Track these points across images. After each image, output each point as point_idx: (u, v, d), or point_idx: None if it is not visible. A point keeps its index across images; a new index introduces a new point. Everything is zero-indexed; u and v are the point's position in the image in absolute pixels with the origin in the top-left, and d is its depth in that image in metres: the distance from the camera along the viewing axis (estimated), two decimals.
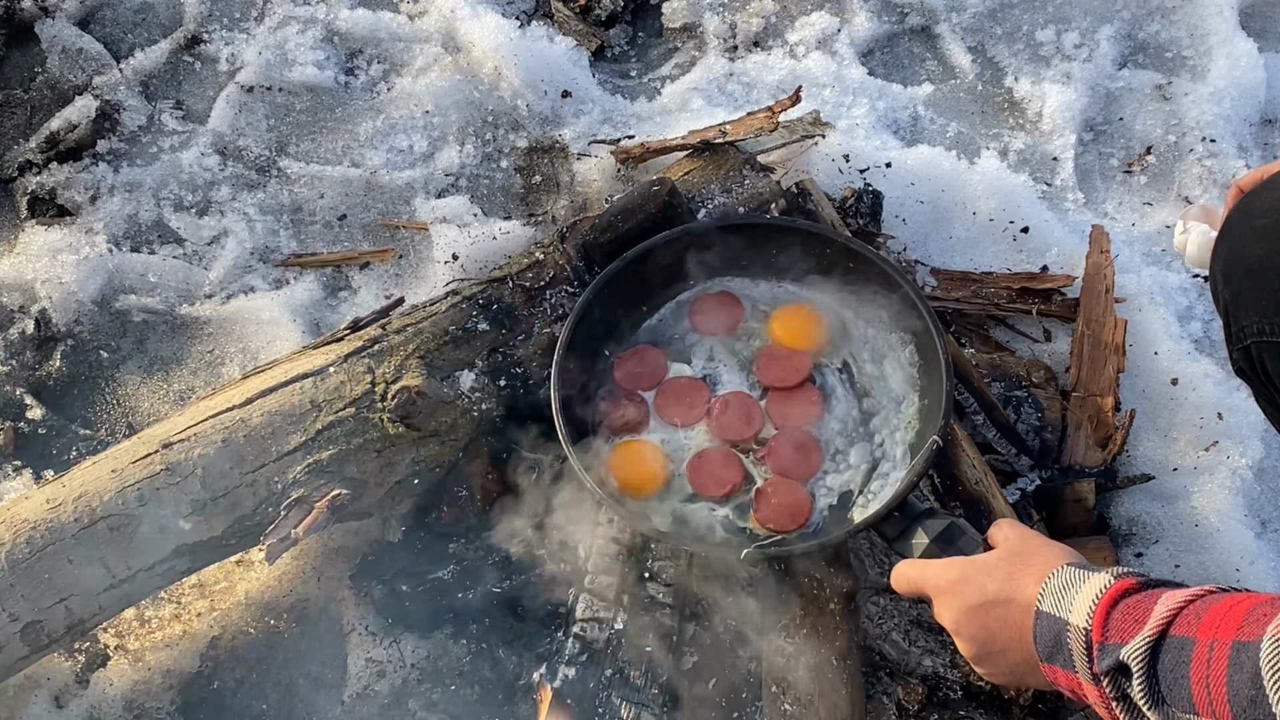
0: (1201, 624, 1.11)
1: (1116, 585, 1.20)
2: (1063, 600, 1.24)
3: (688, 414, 1.87)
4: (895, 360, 1.90)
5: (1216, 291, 1.55)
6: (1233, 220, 1.53)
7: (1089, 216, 2.45)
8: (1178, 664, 1.11)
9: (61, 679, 1.86)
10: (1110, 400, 2.10)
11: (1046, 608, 1.25)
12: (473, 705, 1.81)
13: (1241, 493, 2.04)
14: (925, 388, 1.85)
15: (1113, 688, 1.17)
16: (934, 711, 1.80)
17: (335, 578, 1.93)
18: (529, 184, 2.49)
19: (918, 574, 1.46)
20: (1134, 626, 1.15)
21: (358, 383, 1.84)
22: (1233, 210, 1.55)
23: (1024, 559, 1.35)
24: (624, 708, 1.68)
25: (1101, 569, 1.25)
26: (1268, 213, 1.47)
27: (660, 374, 1.91)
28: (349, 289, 2.34)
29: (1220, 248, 1.53)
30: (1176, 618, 1.13)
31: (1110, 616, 1.18)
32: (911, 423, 1.84)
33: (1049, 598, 1.26)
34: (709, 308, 1.97)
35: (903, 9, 2.75)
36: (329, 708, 1.83)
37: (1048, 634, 1.25)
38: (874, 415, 1.88)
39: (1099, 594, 1.20)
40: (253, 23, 2.68)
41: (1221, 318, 1.55)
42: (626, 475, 1.79)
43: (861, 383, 1.91)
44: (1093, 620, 1.19)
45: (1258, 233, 1.47)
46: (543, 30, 2.65)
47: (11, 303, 2.28)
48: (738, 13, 2.73)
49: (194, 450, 1.77)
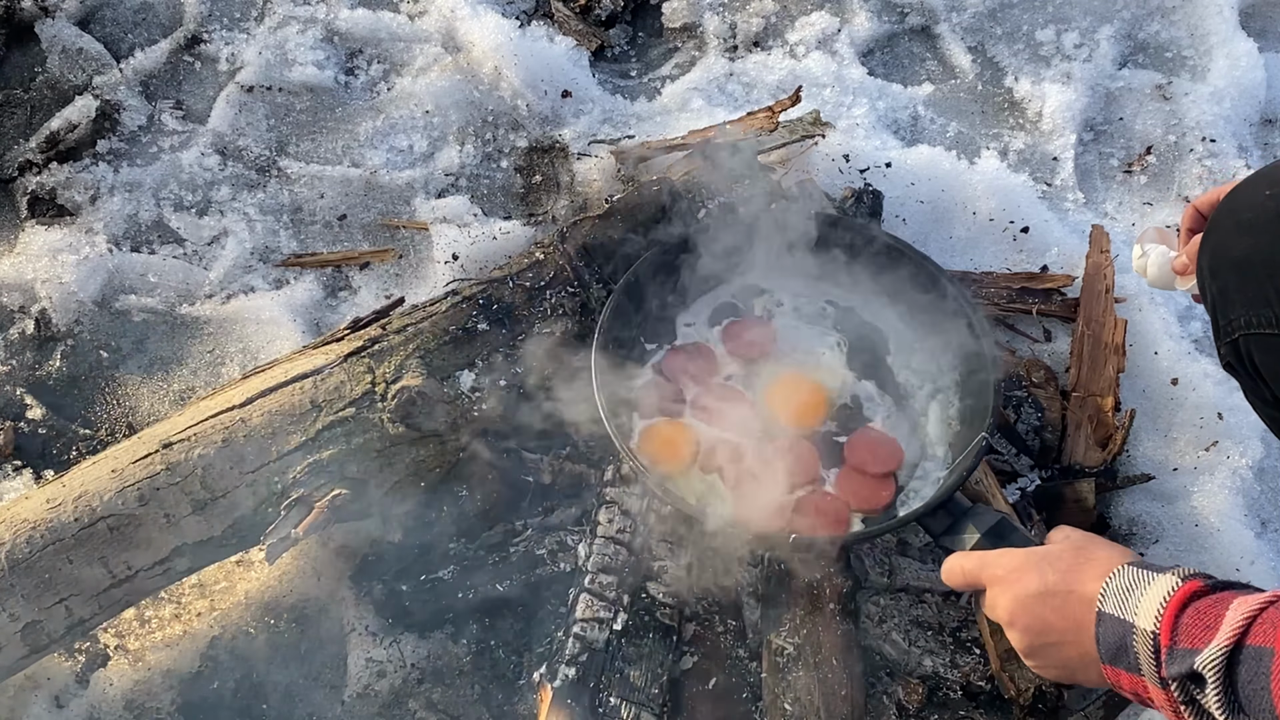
0: (1279, 633, 1.09)
1: (1185, 588, 1.18)
2: (1127, 602, 1.21)
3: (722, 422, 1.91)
4: (936, 360, 1.95)
5: (1203, 287, 1.55)
6: (1218, 216, 1.53)
7: (1089, 216, 2.45)
8: (1256, 675, 1.08)
9: (61, 679, 1.85)
10: (1110, 400, 2.10)
11: (1109, 609, 1.23)
12: (473, 705, 1.82)
13: (1241, 493, 2.04)
14: (966, 388, 1.87)
15: (1181, 692, 1.15)
16: (934, 711, 1.80)
17: (335, 578, 1.93)
18: (529, 184, 2.49)
19: (973, 564, 1.42)
20: (1205, 633, 1.13)
21: (358, 383, 1.84)
22: (1219, 206, 1.54)
23: (1086, 553, 1.32)
24: (624, 708, 1.68)
25: (1166, 569, 1.22)
26: (1252, 207, 1.47)
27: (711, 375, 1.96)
28: (349, 289, 2.34)
29: (1207, 242, 1.53)
30: (1252, 625, 1.10)
31: (1179, 621, 1.16)
32: (953, 423, 1.87)
33: (1111, 598, 1.23)
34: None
35: (903, 9, 2.75)
36: (329, 708, 1.83)
37: (1111, 636, 1.22)
38: (915, 415, 1.92)
39: (1166, 597, 1.18)
40: (253, 23, 2.68)
41: (1209, 313, 1.55)
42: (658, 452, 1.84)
43: (903, 385, 1.96)
44: (1161, 624, 1.16)
45: (1244, 226, 1.47)
46: (543, 30, 2.65)
47: (11, 303, 2.28)
48: (738, 13, 2.73)
49: (194, 450, 1.77)
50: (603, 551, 1.81)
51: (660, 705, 1.70)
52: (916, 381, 1.97)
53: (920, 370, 1.97)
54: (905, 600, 1.87)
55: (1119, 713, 1.78)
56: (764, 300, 2.07)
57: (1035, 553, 1.36)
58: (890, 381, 1.97)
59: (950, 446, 1.86)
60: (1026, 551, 1.37)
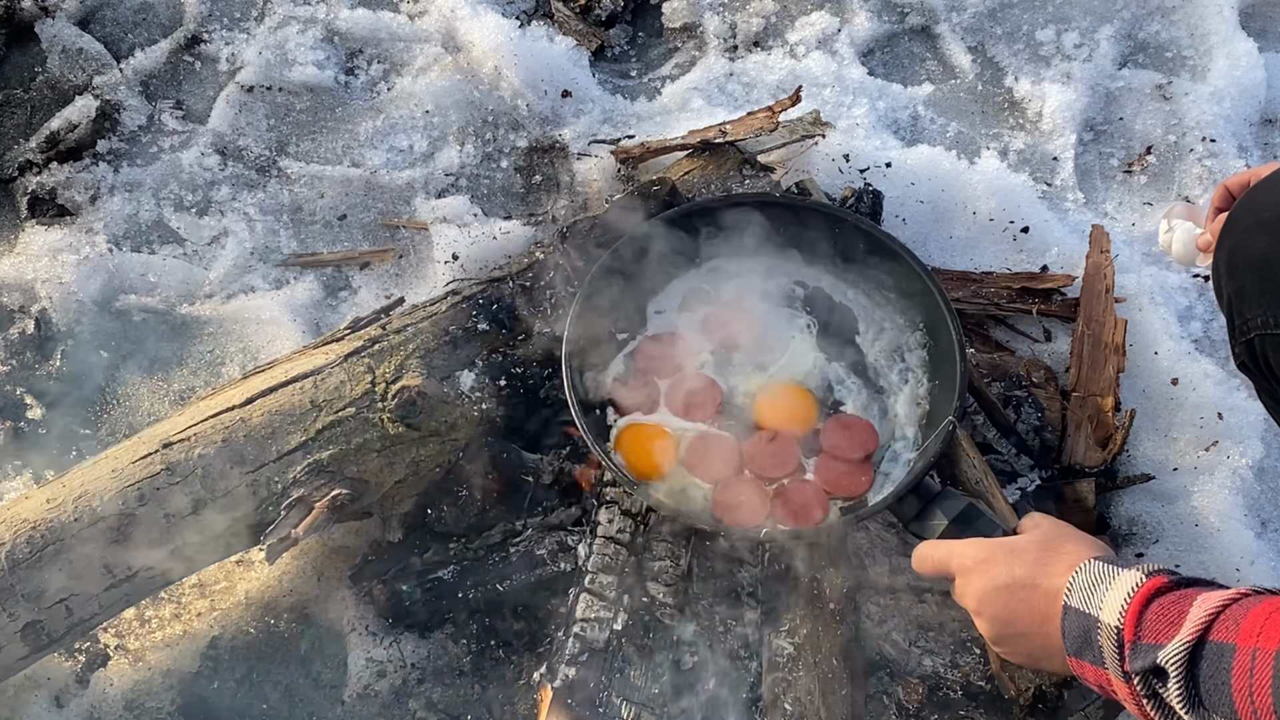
0: (1241, 630, 1.10)
1: (1149, 584, 1.19)
2: (1092, 596, 1.23)
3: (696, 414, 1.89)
4: (905, 342, 1.94)
5: (1220, 285, 1.54)
6: (1237, 214, 1.52)
7: (1089, 216, 2.45)
8: (1217, 671, 1.10)
9: (61, 679, 1.86)
10: (1110, 400, 2.09)
11: (1075, 603, 1.24)
12: (473, 705, 1.82)
13: (1241, 492, 2.04)
14: (936, 369, 1.87)
15: (1144, 686, 1.16)
16: (934, 711, 1.80)
17: (335, 578, 1.93)
18: (529, 184, 2.48)
19: (941, 553, 1.44)
20: (1169, 629, 1.15)
21: (358, 383, 1.84)
22: (1237, 204, 1.54)
23: (1054, 546, 1.33)
24: (624, 708, 1.68)
25: (1132, 565, 1.24)
26: (1273, 205, 1.46)
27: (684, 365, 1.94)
28: (349, 289, 2.33)
29: (1225, 241, 1.52)
30: (1214, 622, 1.12)
31: (1143, 616, 1.18)
32: (922, 403, 1.87)
33: (1077, 593, 1.25)
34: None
35: (903, 9, 2.75)
36: (329, 708, 1.83)
37: (1076, 629, 1.24)
38: (885, 396, 1.91)
39: (1130, 593, 1.19)
40: (253, 23, 2.68)
41: (1224, 312, 1.54)
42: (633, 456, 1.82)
43: (873, 366, 1.94)
44: (1125, 619, 1.18)
45: (1263, 225, 1.46)
46: (543, 30, 2.65)
47: (11, 303, 2.28)
48: (738, 13, 2.73)
49: (194, 450, 1.77)
50: (603, 551, 1.81)
51: (660, 705, 1.70)
52: (885, 362, 1.96)
53: (888, 350, 1.96)
54: (905, 600, 1.87)
55: (1119, 712, 1.78)
56: (735, 284, 2.04)
57: (1003, 544, 1.38)
58: (860, 363, 1.96)
59: (921, 429, 1.85)
60: (994, 543, 1.39)
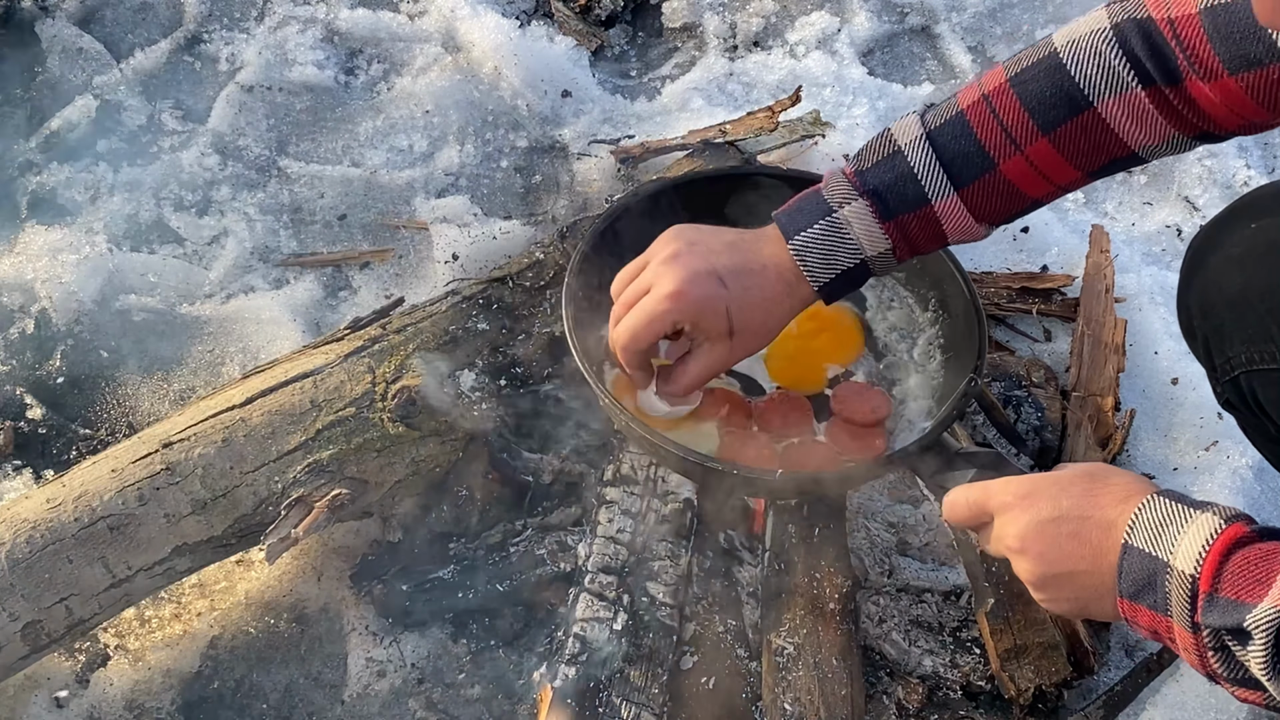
0: None
1: (1228, 531, 1.11)
2: (1161, 538, 1.14)
3: None
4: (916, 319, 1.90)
5: (1192, 327, 1.50)
6: (1197, 258, 1.48)
7: (1089, 216, 2.45)
8: None
9: (61, 679, 1.85)
10: (1110, 400, 2.10)
11: (1139, 543, 1.15)
12: (473, 705, 1.82)
13: (1241, 493, 2.04)
14: (949, 340, 1.85)
15: (1213, 639, 1.10)
16: (934, 711, 1.80)
17: (335, 578, 1.93)
18: (529, 184, 2.49)
19: (977, 494, 1.31)
20: (1255, 587, 1.06)
21: (358, 383, 1.84)
22: (1194, 249, 1.49)
23: (1101, 478, 1.24)
24: (624, 708, 1.68)
25: (1205, 506, 1.15)
26: (1239, 243, 1.43)
27: None
28: (349, 289, 2.34)
29: (1190, 287, 1.48)
30: None
31: (1223, 568, 1.09)
32: (935, 378, 1.83)
33: (1141, 531, 1.16)
34: None
35: (903, 9, 2.75)
36: (329, 708, 1.83)
37: (1138, 571, 1.15)
38: (894, 370, 1.87)
39: (1210, 540, 1.11)
40: (253, 23, 2.68)
41: (1200, 354, 1.50)
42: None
43: (882, 340, 1.90)
44: (1202, 569, 1.10)
45: (1234, 261, 1.43)
46: (542, 30, 2.65)
47: (11, 303, 2.28)
48: (738, 12, 2.73)
49: (194, 450, 1.77)
50: (603, 551, 1.81)
51: (660, 705, 1.70)
52: (896, 337, 1.92)
53: (898, 325, 1.93)
54: (905, 600, 1.87)
55: (1119, 712, 1.78)
56: None
57: (1046, 477, 1.27)
58: (869, 339, 1.91)
59: (935, 399, 1.80)
60: (1036, 476, 1.29)
